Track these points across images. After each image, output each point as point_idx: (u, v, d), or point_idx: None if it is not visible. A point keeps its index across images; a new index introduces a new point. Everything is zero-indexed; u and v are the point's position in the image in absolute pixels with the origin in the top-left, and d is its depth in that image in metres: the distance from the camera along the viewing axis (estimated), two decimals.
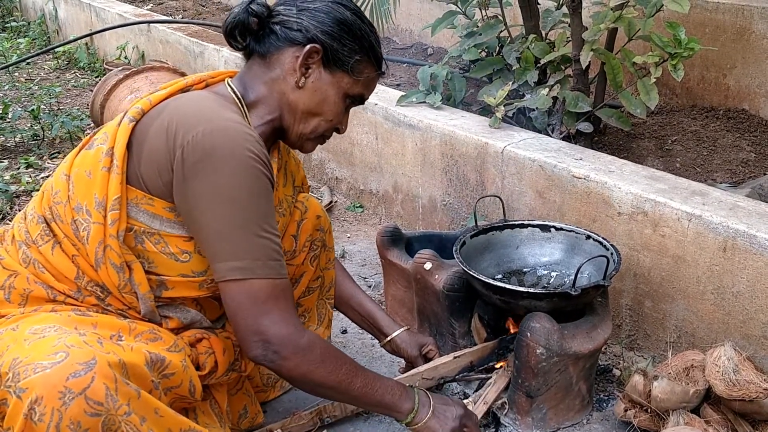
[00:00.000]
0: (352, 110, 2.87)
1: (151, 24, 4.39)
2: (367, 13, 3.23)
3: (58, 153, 3.70)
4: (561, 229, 2.01)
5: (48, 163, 3.59)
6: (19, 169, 3.50)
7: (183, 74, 3.46)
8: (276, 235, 1.39)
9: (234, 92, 1.48)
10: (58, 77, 5.26)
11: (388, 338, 1.86)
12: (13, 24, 6.52)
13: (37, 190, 2.17)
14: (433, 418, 1.53)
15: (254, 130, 1.43)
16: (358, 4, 3.23)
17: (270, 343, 1.35)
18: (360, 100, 1.57)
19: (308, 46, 1.45)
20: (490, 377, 1.85)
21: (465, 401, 1.79)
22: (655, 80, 2.31)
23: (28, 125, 3.94)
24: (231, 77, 1.53)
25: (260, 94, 1.49)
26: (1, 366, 1.20)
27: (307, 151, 1.59)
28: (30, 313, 1.37)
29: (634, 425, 1.72)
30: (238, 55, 3.87)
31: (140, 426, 1.21)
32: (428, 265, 2.01)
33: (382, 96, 2.87)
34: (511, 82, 2.57)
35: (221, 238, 1.34)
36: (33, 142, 3.85)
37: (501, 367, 1.87)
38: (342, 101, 1.53)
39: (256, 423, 1.74)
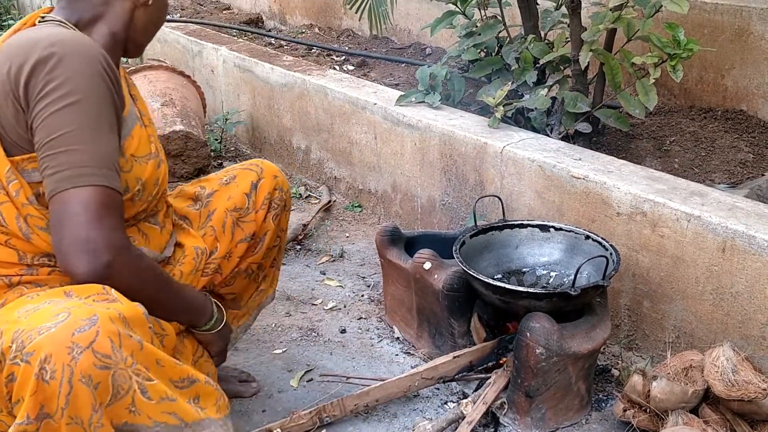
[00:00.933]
0: (351, 111, 2.89)
1: None
2: (365, 14, 3.24)
3: None
4: (560, 229, 2.02)
5: None
6: None
7: (181, 73, 3.46)
8: (116, 147, 1.38)
9: (56, 19, 1.45)
10: None
11: None
12: (11, 22, 6.50)
13: None
14: (222, 330, 1.65)
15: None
16: (357, 5, 3.23)
17: (100, 252, 1.30)
18: None
19: None
20: (490, 377, 1.85)
21: (464, 401, 1.79)
22: (653, 81, 2.32)
23: None
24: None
25: (96, 14, 1.49)
26: (3, 343, 1.20)
27: (138, 56, 1.65)
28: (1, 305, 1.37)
29: (633, 425, 1.72)
30: (237, 53, 3.85)
31: (147, 374, 1.24)
32: (428, 265, 2.02)
33: (381, 96, 2.87)
34: (510, 82, 2.57)
35: (56, 147, 1.31)
36: None
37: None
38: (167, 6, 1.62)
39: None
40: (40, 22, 1.46)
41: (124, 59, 1.68)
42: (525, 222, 2.07)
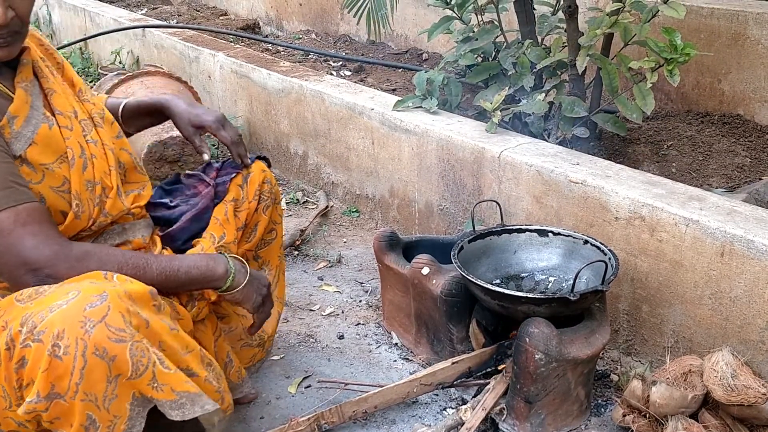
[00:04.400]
0: (348, 116, 2.89)
1: (145, 29, 4.38)
2: (363, 18, 3.24)
3: None
4: (559, 234, 2.01)
5: None
6: None
7: (178, 79, 3.45)
8: (7, 162, 1.33)
9: None
10: None
11: (164, 106, 1.79)
12: None
13: None
14: (249, 285, 1.56)
15: None
16: (355, 8, 3.23)
17: (39, 270, 1.30)
18: None
19: None
20: (489, 383, 1.85)
21: (463, 407, 1.79)
22: (650, 85, 2.32)
23: None
24: None
25: None
26: (11, 330, 1.20)
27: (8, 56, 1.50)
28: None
29: (632, 430, 1.71)
30: (234, 59, 3.85)
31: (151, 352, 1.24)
32: (426, 270, 2.01)
33: (378, 101, 2.87)
34: (507, 87, 2.57)
35: None
36: None
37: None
38: None
39: (243, 376, 1.79)
40: None
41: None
42: (523, 227, 2.07)
